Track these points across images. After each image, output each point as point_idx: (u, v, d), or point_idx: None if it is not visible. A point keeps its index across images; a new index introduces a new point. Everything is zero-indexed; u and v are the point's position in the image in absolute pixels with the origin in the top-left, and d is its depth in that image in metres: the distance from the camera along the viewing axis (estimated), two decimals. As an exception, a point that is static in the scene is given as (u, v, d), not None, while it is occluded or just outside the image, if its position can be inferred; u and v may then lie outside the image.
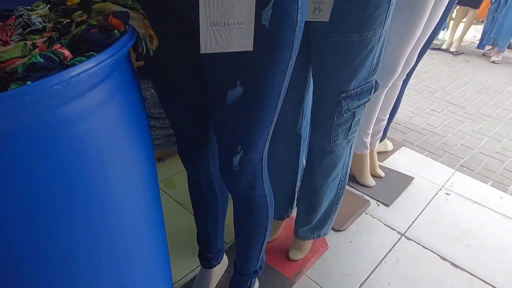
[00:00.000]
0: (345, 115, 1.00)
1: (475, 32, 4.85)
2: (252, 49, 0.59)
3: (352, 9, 0.82)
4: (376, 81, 1.01)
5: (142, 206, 0.63)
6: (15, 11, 0.60)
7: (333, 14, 0.83)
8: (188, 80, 0.76)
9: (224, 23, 0.57)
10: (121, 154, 0.53)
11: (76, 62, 0.43)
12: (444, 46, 4.19)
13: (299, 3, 0.59)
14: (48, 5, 0.62)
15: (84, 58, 0.44)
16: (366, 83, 0.98)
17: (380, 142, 1.89)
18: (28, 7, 0.65)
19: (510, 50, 4.17)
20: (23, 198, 0.40)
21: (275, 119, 0.74)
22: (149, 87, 1.67)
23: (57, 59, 0.43)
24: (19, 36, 0.50)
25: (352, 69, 0.92)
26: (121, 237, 0.56)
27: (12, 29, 0.55)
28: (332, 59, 0.92)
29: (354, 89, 0.96)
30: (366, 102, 1.02)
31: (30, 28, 0.52)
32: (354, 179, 1.80)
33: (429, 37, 1.50)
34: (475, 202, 1.76)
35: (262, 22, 0.57)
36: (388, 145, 2.09)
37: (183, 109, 0.81)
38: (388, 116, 1.75)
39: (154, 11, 0.68)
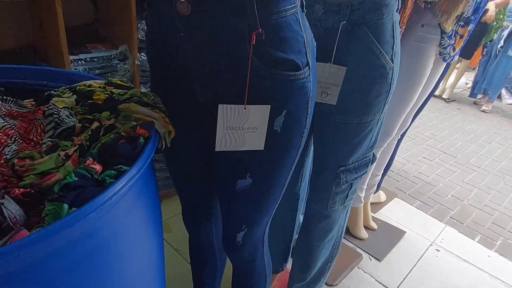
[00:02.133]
0: (343, 186, 1.05)
1: (466, 80, 5.03)
2: (263, 149, 0.64)
3: (355, 96, 0.88)
4: (373, 155, 1.07)
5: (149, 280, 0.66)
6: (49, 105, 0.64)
7: (338, 98, 0.90)
8: (199, 160, 0.80)
9: (239, 128, 0.62)
10: (137, 245, 0.57)
11: (106, 177, 0.48)
12: (436, 93, 4.34)
13: (308, 110, 0.64)
14: (75, 95, 0.66)
15: (113, 172, 0.48)
16: (364, 158, 1.03)
17: (374, 193, 1.94)
18: (53, 91, 0.69)
19: (499, 100, 4.33)
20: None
21: (279, 201, 0.78)
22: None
23: (90, 176, 0.47)
24: (50, 140, 0.54)
25: (351, 147, 0.97)
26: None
27: (42, 125, 0.59)
28: (333, 137, 0.97)
29: (352, 163, 1.02)
30: (363, 174, 1.07)
31: (61, 128, 0.57)
32: (347, 231, 1.83)
33: (424, 101, 1.58)
34: (464, 260, 1.79)
35: (274, 128, 0.62)
36: (381, 195, 2.14)
37: (191, 183, 0.85)
38: (382, 171, 1.81)
39: (173, 98, 0.73)
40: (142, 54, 1.53)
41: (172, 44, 0.62)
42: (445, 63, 1.41)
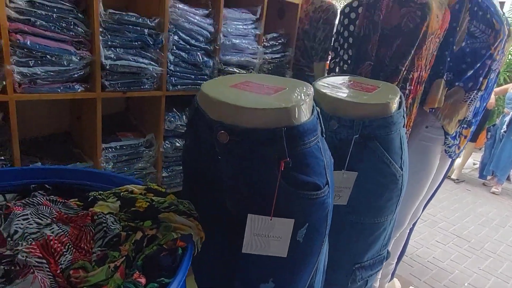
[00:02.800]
0: (358, 283, 1.06)
1: (473, 160, 5.11)
2: (286, 256, 0.70)
3: (368, 199, 0.95)
4: (387, 251, 1.10)
5: None
6: (89, 194, 0.71)
7: (350, 199, 0.96)
8: (223, 263, 0.85)
9: (265, 235, 0.68)
10: None
11: (150, 291, 0.53)
12: (445, 172, 4.39)
13: (327, 221, 0.71)
14: (119, 202, 0.74)
15: (156, 285, 0.54)
16: (379, 255, 1.06)
17: (388, 282, 1.90)
18: (99, 195, 0.77)
19: (508, 181, 4.35)
20: None
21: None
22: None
23: (136, 289, 0.52)
24: (99, 249, 0.61)
25: (366, 245, 1.02)
26: None
27: (91, 232, 0.66)
28: (348, 235, 1.02)
29: (367, 260, 1.05)
30: (378, 270, 1.09)
31: (109, 237, 0.63)
32: (362, 323, 1.76)
33: (433, 192, 1.64)
34: None
35: (297, 239, 0.68)
36: (396, 284, 2.08)
37: (212, 282, 0.88)
38: (396, 260, 1.80)
39: (203, 200, 0.80)
40: (167, 142, 1.66)
41: (209, 162, 0.71)
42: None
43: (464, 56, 1.33)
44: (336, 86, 1.03)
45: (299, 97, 0.69)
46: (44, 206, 0.72)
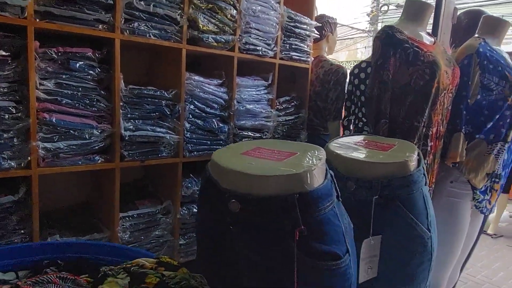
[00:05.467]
0: None
1: (509, 213, 4.80)
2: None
3: (397, 267, 0.88)
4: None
5: None
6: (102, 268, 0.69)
7: (379, 270, 0.89)
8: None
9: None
10: None
11: None
12: (480, 227, 4.12)
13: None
14: (128, 278, 0.71)
15: None
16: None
17: None
18: (109, 271, 0.75)
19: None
20: None
21: None
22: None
23: None
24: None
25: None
26: None
27: (99, 314, 0.63)
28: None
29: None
30: None
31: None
32: None
33: (469, 251, 1.52)
34: None
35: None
36: None
37: None
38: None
39: (216, 274, 0.76)
40: (184, 208, 1.64)
41: (222, 233, 0.69)
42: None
43: (481, 108, 1.31)
44: (351, 146, 1.02)
45: (310, 161, 0.68)
46: (53, 285, 0.70)
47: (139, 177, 1.87)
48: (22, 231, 1.26)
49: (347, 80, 1.72)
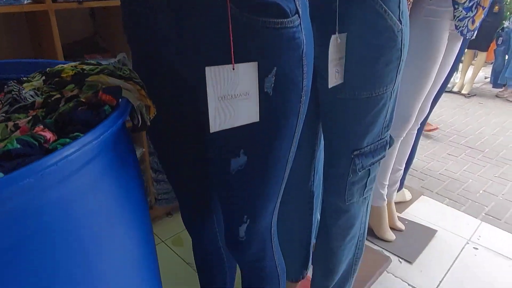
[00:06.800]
0: (359, 173, 0.93)
1: (484, 74, 4.84)
2: (258, 120, 0.55)
3: (362, 66, 0.78)
4: (390, 137, 0.96)
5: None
6: (9, 82, 0.58)
7: (344, 71, 0.80)
8: (191, 147, 0.72)
9: (231, 96, 0.53)
10: (112, 235, 0.47)
11: (58, 145, 0.39)
12: (455, 89, 4.16)
13: (304, 69, 0.55)
14: (43, 77, 0.60)
15: (68, 140, 0.40)
16: (380, 139, 0.92)
17: (397, 192, 1.80)
18: (24, 78, 0.63)
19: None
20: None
21: (283, 185, 0.68)
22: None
23: (36, 143, 0.39)
24: (4, 115, 0.47)
25: (364, 127, 0.87)
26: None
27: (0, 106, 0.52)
28: (342, 117, 0.87)
29: (367, 146, 0.91)
30: (381, 158, 0.95)
31: (18, 105, 0.49)
32: (372, 233, 1.68)
33: (442, 83, 1.46)
34: (507, 257, 1.61)
35: (265, 90, 0.53)
36: (406, 194, 1.99)
37: (186, 176, 0.76)
38: (404, 165, 1.67)
39: (155, 79, 0.66)
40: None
41: (147, 13, 0.55)
42: (462, 39, 1.29)
43: None
44: None
45: None
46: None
47: (89, 35, 1.67)
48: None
49: None
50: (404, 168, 1.70)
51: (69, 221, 0.39)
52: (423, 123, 1.60)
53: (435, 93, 1.46)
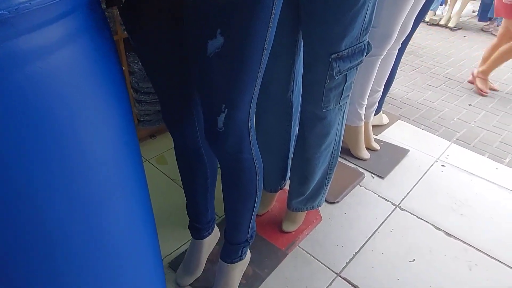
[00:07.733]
0: (336, 78, 0.96)
1: (473, 7, 4.76)
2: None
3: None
4: (368, 43, 0.97)
5: (120, 168, 0.60)
6: None
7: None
8: (169, 37, 0.72)
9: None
10: (88, 102, 0.49)
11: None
12: (442, 22, 4.11)
13: None
14: None
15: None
16: (358, 43, 0.93)
17: (375, 115, 1.86)
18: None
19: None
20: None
21: (260, 75, 0.70)
22: (137, 60, 1.62)
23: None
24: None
25: (343, 27, 0.88)
26: (97, 203, 0.53)
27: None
28: (322, 15, 0.87)
29: (345, 49, 0.92)
30: (358, 64, 0.98)
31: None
32: (348, 152, 1.77)
33: (425, 3, 1.45)
34: (471, 173, 1.74)
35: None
36: (384, 118, 2.06)
37: (165, 69, 0.77)
38: (383, 87, 1.71)
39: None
40: None
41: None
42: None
43: None
44: None
45: None
46: None
47: None
48: None
49: None
50: (383, 91, 1.74)
51: (43, 70, 0.41)
52: (405, 44, 1.61)
53: (418, 11, 1.45)
